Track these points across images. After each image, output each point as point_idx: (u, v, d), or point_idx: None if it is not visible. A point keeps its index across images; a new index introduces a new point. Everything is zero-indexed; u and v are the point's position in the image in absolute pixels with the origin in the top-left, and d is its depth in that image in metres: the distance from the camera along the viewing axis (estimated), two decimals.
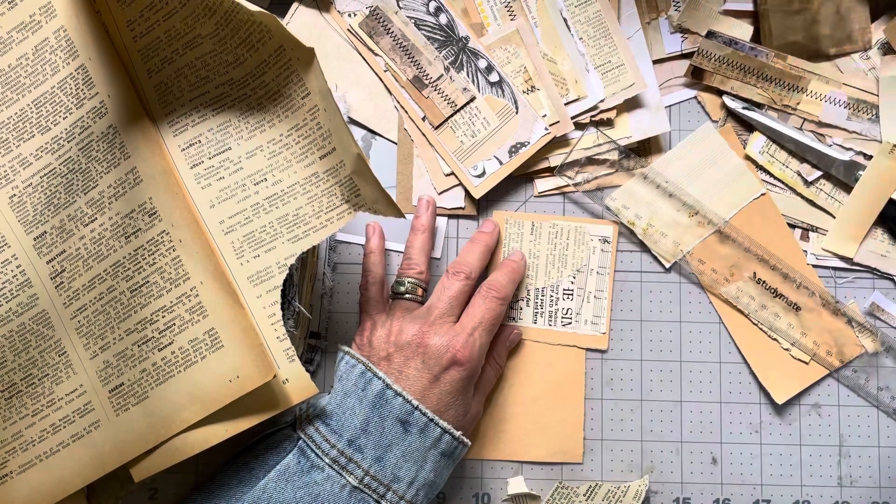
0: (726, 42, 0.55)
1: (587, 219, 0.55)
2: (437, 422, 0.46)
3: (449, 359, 0.47)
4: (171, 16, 0.44)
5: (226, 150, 0.45)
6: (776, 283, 0.54)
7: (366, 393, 0.46)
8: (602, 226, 0.55)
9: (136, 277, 0.45)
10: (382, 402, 0.46)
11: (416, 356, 0.47)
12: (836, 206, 0.54)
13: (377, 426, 0.46)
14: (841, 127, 0.55)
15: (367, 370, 0.47)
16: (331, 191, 0.44)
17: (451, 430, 0.46)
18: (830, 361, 0.53)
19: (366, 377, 0.47)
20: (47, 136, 0.45)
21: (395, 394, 0.46)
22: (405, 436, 0.46)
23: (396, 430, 0.46)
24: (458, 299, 0.49)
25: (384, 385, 0.46)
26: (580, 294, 0.54)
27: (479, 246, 0.52)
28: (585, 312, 0.54)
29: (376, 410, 0.46)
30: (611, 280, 0.54)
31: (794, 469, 0.53)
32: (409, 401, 0.46)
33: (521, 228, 0.55)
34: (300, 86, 0.44)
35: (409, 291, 0.50)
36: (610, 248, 0.55)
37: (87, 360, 0.46)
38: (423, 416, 0.46)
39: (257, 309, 0.45)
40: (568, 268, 0.54)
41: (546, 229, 0.55)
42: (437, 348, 0.47)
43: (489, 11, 0.55)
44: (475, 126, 0.54)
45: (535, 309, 0.54)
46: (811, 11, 0.55)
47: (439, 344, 0.47)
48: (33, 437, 0.46)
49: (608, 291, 0.54)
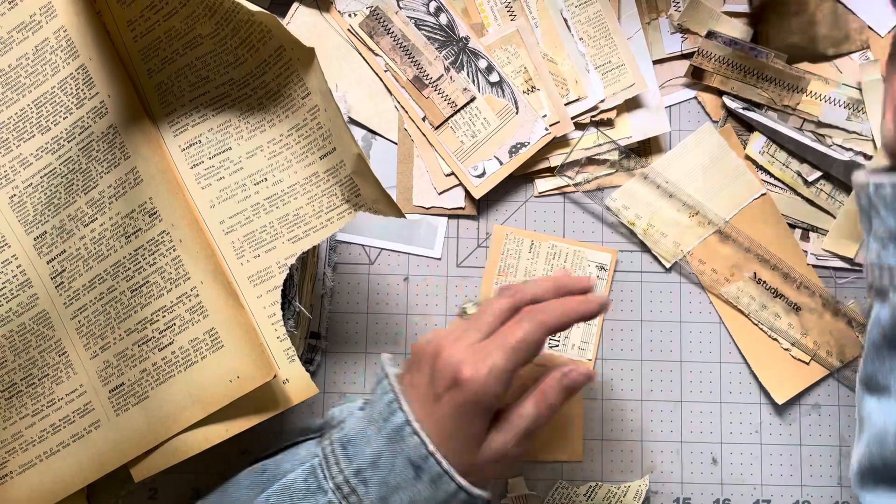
0: (726, 42, 0.55)
1: (587, 244, 0.55)
2: (453, 476, 0.40)
3: (451, 376, 0.40)
4: (172, 16, 0.44)
5: (226, 150, 0.46)
6: (776, 283, 0.54)
7: (386, 424, 0.41)
8: (601, 252, 0.54)
9: (137, 277, 0.45)
10: (399, 438, 0.40)
11: (428, 365, 0.41)
12: (836, 206, 0.54)
13: (388, 462, 0.40)
14: (841, 127, 0.55)
15: (395, 399, 0.41)
16: (331, 191, 0.44)
17: (468, 489, 0.40)
18: (830, 362, 0.53)
19: (392, 407, 0.41)
20: (47, 136, 0.45)
21: (412, 432, 0.40)
22: (415, 482, 0.40)
23: (407, 473, 0.40)
24: (500, 318, 0.42)
25: (405, 420, 0.40)
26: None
27: (549, 281, 0.45)
28: (574, 337, 0.54)
29: (391, 445, 0.40)
30: None
31: (794, 469, 0.53)
32: (425, 444, 0.39)
33: (520, 245, 0.54)
34: (300, 86, 0.44)
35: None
36: (606, 276, 0.54)
37: (88, 360, 0.46)
38: (438, 465, 0.39)
39: (258, 309, 0.45)
40: None
41: (545, 249, 0.54)
42: (445, 362, 0.40)
43: (489, 11, 0.55)
44: (475, 126, 0.54)
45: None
46: (808, 13, 0.55)
47: (449, 358, 0.40)
48: (33, 438, 0.46)
49: (599, 318, 0.54)
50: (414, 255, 0.55)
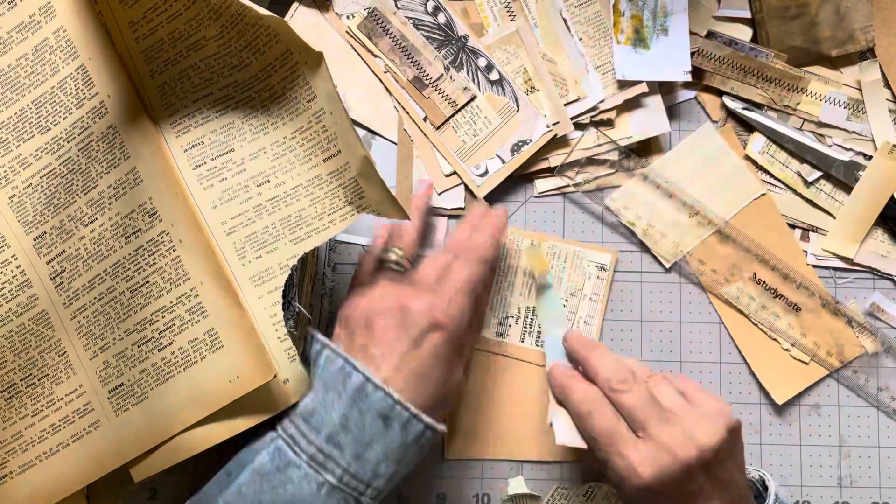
0: (726, 42, 0.55)
1: (587, 244, 0.55)
2: (420, 417, 0.43)
3: (430, 322, 0.44)
4: (175, 18, 0.44)
5: (229, 152, 0.45)
6: (776, 283, 0.54)
7: (345, 388, 0.43)
8: (601, 253, 0.54)
9: (136, 278, 0.45)
10: (362, 397, 0.43)
11: (395, 320, 0.44)
12: (836, 206, 0.55)
13: (357, 422, 0.43)
14: (841, 127, 0.55)
15: (346, 364, 0.44)
16: (334, 193, 0.44)
17: (433, 425, 0.44)
18: (830, 362, 0.53)
19: (345, 371, 0.44)
20: (47, 137, 0.44)
21: (374, 388, 0.43)
22: (386, 431, 0.43)
23: (377, 425, 0.43)
24: (445, 270, 0.47)
25: (364, 378, 0.43)
26: (570, 319, 0.54)
27: (484, 234, 0.49)
28: None
29: (356, 405, 0.43)
30: (602, 308, 0.54)
31: (794, 469, 0.53)
32: (391, 395, 0.43)
33: (520, 245, 0.54)
34: (306, 89, 0.43)
35: (395, 262, 0.49)
36: (606, 276, 0.54)
37: (87, 360, 0.46)
38: (405, 410, 0.43)
39: (258, 309, 0.45)
40: (561, 290, 0.54)
41: (544, 249, 0.54)
42: (417, 311, 0.44)
43: (489, 12, 0.55)
44: (477, 125, 0.54)
45: (524, 328, 0.54)
46: (809, 15, 0.55)
47: (419, 306, 0.44)
48: (33, 438, 0.46)
49: (598, 319, 0.54)
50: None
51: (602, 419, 0.44)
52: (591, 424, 0.45)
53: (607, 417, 0.44)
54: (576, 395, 0.46)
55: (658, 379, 0.46)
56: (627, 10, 0.54)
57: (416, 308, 0.44)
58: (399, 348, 0.44)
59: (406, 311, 0.44)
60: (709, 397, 0.45)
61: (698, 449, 0.42)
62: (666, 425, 0.43)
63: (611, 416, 0.44)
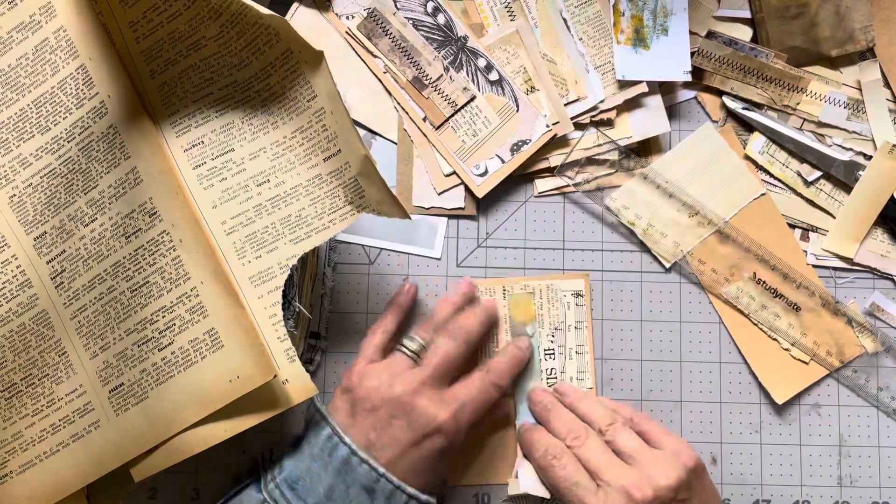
0: (726, 42, 0.55)
1: (556, 275, 0.54)
2: (404, 489, 0.45)
3: (434, 426, 0.45)
4: (175, 18, 0.44)
5: (229, 152, 0.45)
6: (776, 283, 0.54)
7: (332, 459, 0.45)
8: (572, 280, 0.54)
9: (137, 277, 0.45)
10: (348, 469, 0.44)
11: (402, 414, 0.45)
12: (836, 206, 0.55)
13: (342, 494, 0.44)
14: (841, 127, 0.55)
15: (333, 434, 0.45)
16: (334, 192, 0.44)
17: (417, 496, 0.45)
18: (830, 361, 0.53)
19: (332, 442, 0.45)
20: (47, 136, 0.45)
21: (360, 461, 0.44)
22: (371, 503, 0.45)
23: (362, 498, 0.44)
24: (454, 363, 0.48)
25: (349, 451, 0.45)
26: (561, 352, 0.54)
27: (481, 313, 0.51)
28: (570, 370, 0.54)
29: (341, 477, 0.44)
30: (589, 333, 0.54)
31: (794, 469, 0.53)
32: (375, 468, 0.44)
33: (493, 294, 0.54)
34: (306, 88, 0.44)
35: (415, 352, 0.49)
36: (584, 302, 0.54)
37: (87, 360, 0.46)
38: (389, 483, 0.44)
39: (258, 309, 0.45)
40: (546, 327, 0.54)
41: (518, 291, 0.54)
42: (424, 412, 0.45)
43: (489, 12, 0.55)
44: (476, 125, 0.54)
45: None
46: (809, 15, 0.55)
47: (428, 408, 0.46)
48: (33, 437, 0.46)
49: (588, 345, 0.54)
50: (414, 255, 0.55)
51: (563, 470, 0.46)
52: (553, 475, 0.46)
53: (568, 468, 0.46)
54: (538, 449, 0.48)
55: (617, 427, 0.48)
56: (627, 10, 0.54)
57: (423, 408, 0.46)
58: (401, 444, 0.45)
59: (413, 408, 0.46)
60: (670, 438, 0.47)
61: (654, 490, 0.44)
62: (622, 469, 0.45)
63: (571, 468, 0.46)
